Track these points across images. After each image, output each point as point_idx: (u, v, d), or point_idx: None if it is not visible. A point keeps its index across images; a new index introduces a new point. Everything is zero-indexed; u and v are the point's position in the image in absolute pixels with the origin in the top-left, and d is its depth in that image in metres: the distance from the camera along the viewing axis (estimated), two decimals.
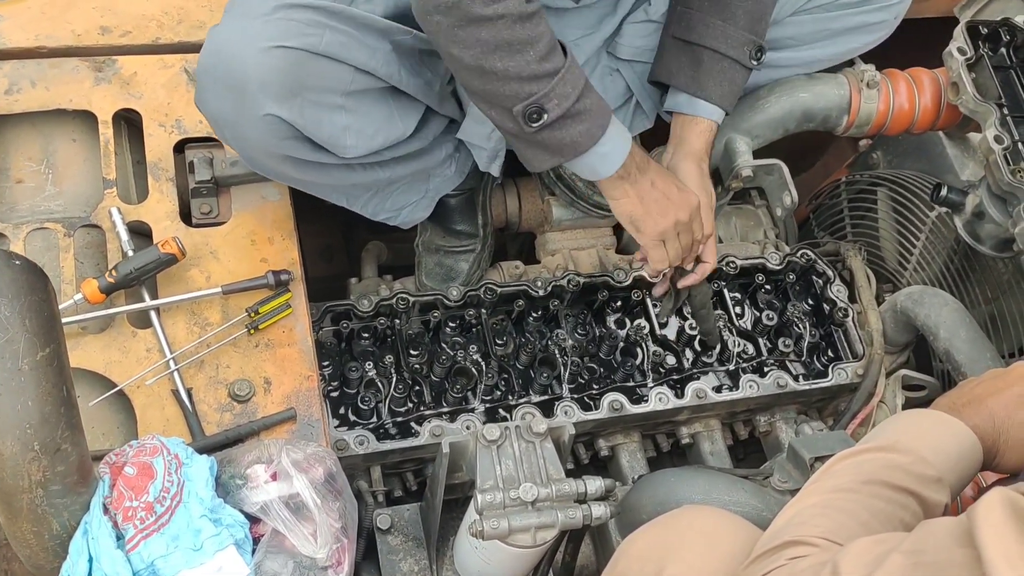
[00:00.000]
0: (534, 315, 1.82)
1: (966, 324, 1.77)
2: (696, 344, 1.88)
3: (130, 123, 1.77)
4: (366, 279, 1.95)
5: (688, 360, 1.87)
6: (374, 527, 1.63)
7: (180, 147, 1.73)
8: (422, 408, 1.71)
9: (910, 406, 1.83)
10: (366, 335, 1.75)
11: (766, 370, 1.87)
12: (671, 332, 1.88)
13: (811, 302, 1.98)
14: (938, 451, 1.13)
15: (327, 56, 1.41)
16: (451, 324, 1.79)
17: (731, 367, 1.87)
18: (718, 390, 1.83)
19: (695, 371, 1.85)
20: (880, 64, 1.96)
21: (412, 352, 1.75)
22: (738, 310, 1.93)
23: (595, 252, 1.97)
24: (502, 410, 1.74)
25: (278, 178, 1.62)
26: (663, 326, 1.87)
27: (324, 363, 1.70)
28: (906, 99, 1.95)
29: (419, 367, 1.74)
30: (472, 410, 1.72)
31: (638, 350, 1.85)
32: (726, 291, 1.93)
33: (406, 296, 1.75)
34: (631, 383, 1.81)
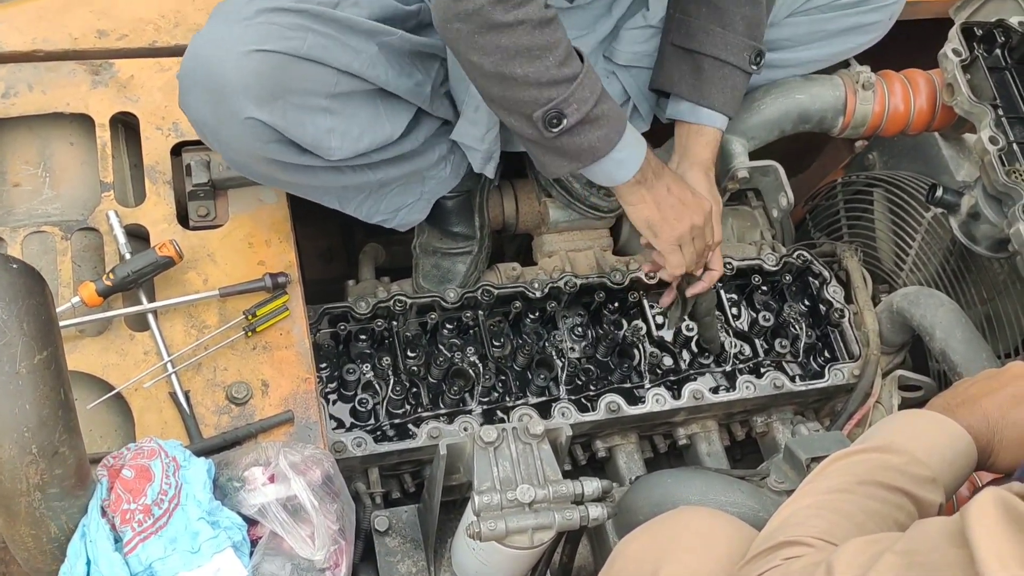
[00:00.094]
0: (531, 317, 1.82)
1: (962, 325, 1.77)
2: (693, 345, 1.89)
3: (127, 126, 1.76)
4: (363, 281, 1.95)
5: (685, 361, 1.87)
6: (372, 529, 1.63)
7: (177, 150, 1.73)
8: (419, 410, 1.71)
9: (906, 406, 1.83)
10: (363, 337, 1.75)
11: (763, 371, 1.87)
12: (668, 333, 1.88)
13: (807, 303, 1.99)
14: (932, 451, 1.14)
15: (310, 59, 1.41)
16: (448, 326, 1.79)
17: (728, 368, 1.88)
18: (715, 391, 1.83)
19: (692, 372, 1.86)
20: (876, 66, 1.97)
21: (409, 354, 1.75)
22: (735, 311, 1.93)
23: (592, 254, 1.98)
24: (499, 412, 1.74)
25: (266, 181, 1.61)
26: (676, 334, 1.87)
27: (322, 365, 1.70)
28: (901, 100, 1.96)
29: (416, 369, 1.74)
30: (469, 412, 1.72)
31: (635, 351, 1.85)
32: (723, 292, 1.93)
33: (403, 298, 1.75)
34: (628, 384, 1.81)
